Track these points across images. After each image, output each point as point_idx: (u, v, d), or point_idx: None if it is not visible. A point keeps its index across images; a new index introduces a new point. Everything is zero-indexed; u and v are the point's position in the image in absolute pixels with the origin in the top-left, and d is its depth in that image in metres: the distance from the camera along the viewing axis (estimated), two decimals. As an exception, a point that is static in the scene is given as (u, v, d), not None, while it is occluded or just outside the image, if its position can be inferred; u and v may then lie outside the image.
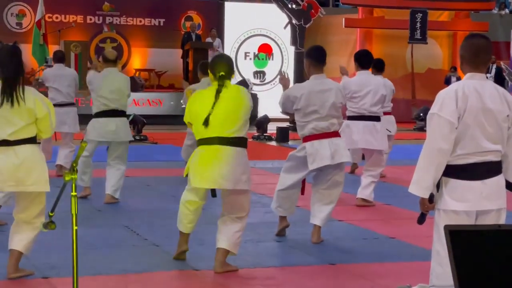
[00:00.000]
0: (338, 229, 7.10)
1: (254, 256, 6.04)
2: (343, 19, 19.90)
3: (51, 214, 3.87)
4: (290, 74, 19.80)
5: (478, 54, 4.26)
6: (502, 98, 4.24)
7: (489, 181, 4.18)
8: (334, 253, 6.18)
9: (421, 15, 19.44)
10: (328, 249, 6.33)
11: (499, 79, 20.06)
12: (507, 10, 25.27)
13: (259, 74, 20.95)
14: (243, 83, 19.35)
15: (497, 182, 4.22)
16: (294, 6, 19.32)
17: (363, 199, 8.35)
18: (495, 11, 23.43)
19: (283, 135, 14.68)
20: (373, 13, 20.32)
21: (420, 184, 4.19)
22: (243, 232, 5.69)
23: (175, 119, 15.42)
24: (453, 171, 4.16)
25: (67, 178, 3.60)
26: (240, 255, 5.92)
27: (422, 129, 17.95)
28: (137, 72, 20.10)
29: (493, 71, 21.02)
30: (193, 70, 16.72)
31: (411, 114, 19.73)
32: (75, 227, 3.52)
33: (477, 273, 2.37)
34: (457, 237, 2.38)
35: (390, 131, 9.85)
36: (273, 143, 14.92)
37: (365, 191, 8.35)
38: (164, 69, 20.28)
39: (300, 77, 16.91)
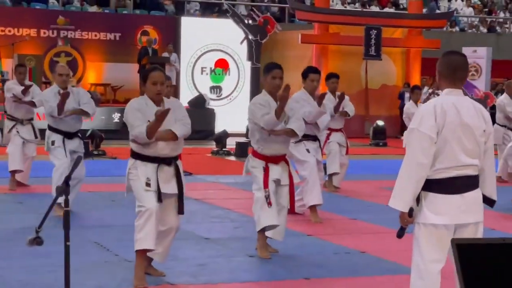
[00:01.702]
0: (309, 244, 7.12)
1: (229, 272, 6.01)
2: (299, 35, 20.05)
3: (38, 229, 3.81)
4: (246, 89, 19.85)
5: (455, 71, 4.35)
6: (479, 114, 4.34)
7: (467, 195, 4.25)
8: (307, 268, 6.19)
9: (375, 31, 19.72)
10: (301, 264, 6.34)
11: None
12: (457, 28, 25.82)
13: (216, 89, 20.93)
14: (200, 98, 19.33)
15: (475, 195, 4.30)
16: (250, 21, 19.40)
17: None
18: (446, 28, 23.92)
19: (242, 150, 14.68)
20: (328, 29, 20.53)
21: (400, 198, 4.24)
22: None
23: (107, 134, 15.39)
24: (432, 185, 4.22)
25: None
26: (215, 271, 5.91)
27: (378, 144, 18.19)
28: (93, 87, 19.89)
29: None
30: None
31: (365, 129, 19.97)
32: (67, 243, 3.47)
33: (483, 286, 2.41)
34: (464, 250, 2.43)
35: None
36: (232, 157, 14.91)
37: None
38: (120, 83, 20.11)
39: (256, 92, 16.92)
